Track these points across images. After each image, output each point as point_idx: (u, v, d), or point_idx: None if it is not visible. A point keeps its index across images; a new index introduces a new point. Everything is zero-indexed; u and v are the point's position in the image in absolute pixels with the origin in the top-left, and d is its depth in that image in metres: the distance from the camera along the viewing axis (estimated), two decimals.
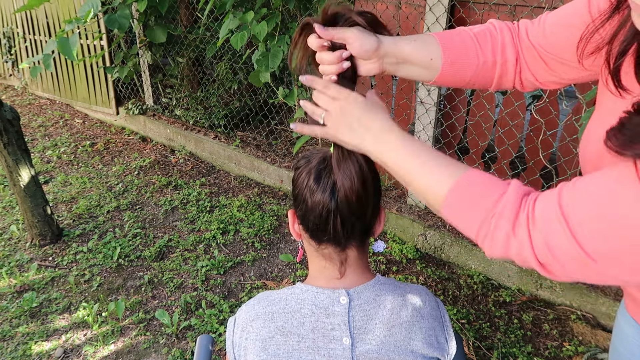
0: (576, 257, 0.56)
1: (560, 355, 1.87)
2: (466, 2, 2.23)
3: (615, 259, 0.54)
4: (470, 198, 0.64)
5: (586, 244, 0.55)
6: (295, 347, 0.74)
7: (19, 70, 5.33)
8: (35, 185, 2.49)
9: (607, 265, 0.55)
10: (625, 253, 0.53)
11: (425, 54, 0.82)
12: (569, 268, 0.58)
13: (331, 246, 0.79)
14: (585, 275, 0.58)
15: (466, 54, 0.83)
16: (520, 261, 0.62)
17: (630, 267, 0.54)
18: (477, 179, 0.65)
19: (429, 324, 0.79)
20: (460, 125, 2.53)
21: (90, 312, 2.10)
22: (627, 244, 0.52)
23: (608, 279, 0.57)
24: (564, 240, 0.56)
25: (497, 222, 0.61)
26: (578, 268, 0.57)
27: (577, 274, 0.59)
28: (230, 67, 3.57)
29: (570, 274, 0.59)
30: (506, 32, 0.84)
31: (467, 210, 0.65)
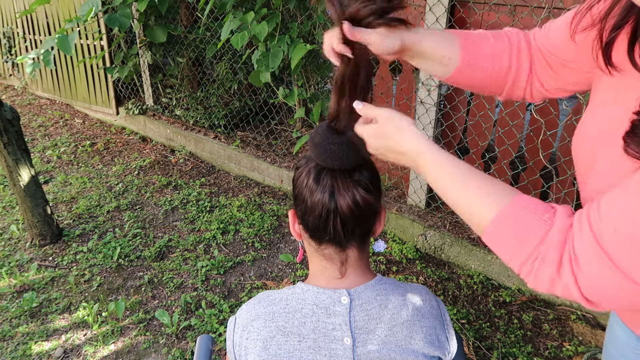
0: (625, 289, 0.54)
1: (560, 355, 1.87)
2: (466, 2, 2.23)
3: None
4: (513, 233, 0.62)
5: (632, 273, 0.53)
6: (297, 347, 0.74)
7: (19, 70, 5.33)
8: (35, 185, 2.49)
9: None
10: None
11: (445, 52, 0.82)
12: (619, 301, 0.57)
13: (332, 246, 0.79)
14: (631, 302, 0.57)
15: (484, 56, 0.83)
16: (563, 294, 0.61)
17: None
18: (520, 211, 0.62)
19: (430, 323, 0.79)
20: (460, 125, 2.53)
21: (90, 312, 2.10)
22: None
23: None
24: (612, 278, 0.54)
25: (540, 265, 0.60)
26: (630, 299, 0.56)
27: (627, 303, 0.58)
28: (230, 67, 3.57)
29: (621, 305, 0.59)
30: (522, 37, 0.85)
31: (510, 246, 0.63)
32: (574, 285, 0.57)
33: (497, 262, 2.25)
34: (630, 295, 0.55)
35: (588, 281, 0.56)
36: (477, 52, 0.83)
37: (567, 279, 0.58)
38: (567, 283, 0.58)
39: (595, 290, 0.56)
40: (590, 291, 0.57)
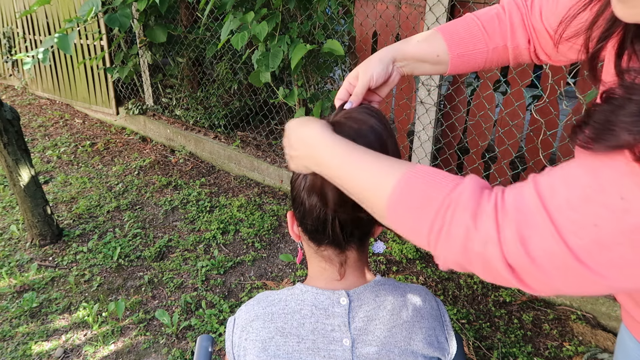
0: (557, 255, 0.46)
1: (560, 355, 1.87)
2: (466, 2, 2.23)
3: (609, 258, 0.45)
4: (417, 192, 0.54)
5: (570, 238, 0.46)
6: (295, 348, 0.74)
7: (19, 71, 5.33)
8: (35, 185, 2.49)
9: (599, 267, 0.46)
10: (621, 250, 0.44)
11: (432, 52, 0.83)
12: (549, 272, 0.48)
13: (331, 248, 0.79)
14: (571, 283, 0.48)
15: (473, 44, 0.83)
16: (483, 266, 0.51)
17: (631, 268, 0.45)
18: (423, 171, 0.56)
19: (429, 323, 0.79)
20: (460, 125, 2.53)
21: (90, 312, 2.10)
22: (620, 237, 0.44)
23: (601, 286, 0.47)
24: (542, 232, 0.47)
25: (454, 213, 0.51)
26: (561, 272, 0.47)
27: (560, 281, 0.48)
28: (230, 67, 3.57)
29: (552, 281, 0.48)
30: (515, 13, 0.83)
31: (415, 208, 0.54)
32: (494, 236, 0.48)
33: None
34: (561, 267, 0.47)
35: (513, 229, 0.48)
36: (465, 43, 0.83)
37: (487, 226, 0.49)
38: (486, 233, 0.49)
39: (519, 246, 0.47)
40: (513, 247, 0.48)
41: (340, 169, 0.62)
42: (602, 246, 0.45)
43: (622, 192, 0.44)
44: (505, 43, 0.83)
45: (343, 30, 2.97)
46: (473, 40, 0.83)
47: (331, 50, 2.30)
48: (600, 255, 0.45)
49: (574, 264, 0.46)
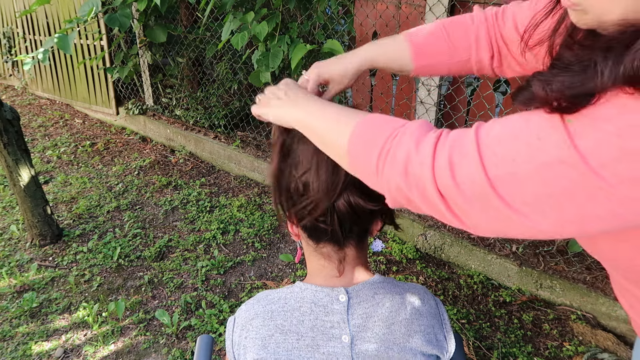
0: (477, 181, 0.51)
1: (560, 355, 1.87)
2: (466, 2, 2.23)
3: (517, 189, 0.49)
4: (372, 129, 0.61)
5: (489, 165, 0.51)
6: (295, 346, 0.74)
7: (19, 71, 5.34)
8: (35, 185, 2.49)
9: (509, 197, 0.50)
10: (528, 183, 0.49)
11: (397, 64, 0.89)
12: (470, 198, 0.52)
13: (330, 245, 0.79)
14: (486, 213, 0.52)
15: (437, 56, 0.88)
16: (419, 192, 0.56)
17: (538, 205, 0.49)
18: (378, 116, 0.63)
19: (428, 322, 0.79)
20: (460, 125, 2.53)
21: (90, 312, 2.10)
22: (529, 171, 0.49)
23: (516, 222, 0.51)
24: (468, 159, 0.52)
25: (400, 139, 0.57)
26: (479, 200, 0.52)
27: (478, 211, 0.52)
28: (230, 67, 3.58)
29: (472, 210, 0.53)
30: (482, 27, 0.87)
31: (369, 140, 0.60)
32: (429, 159, 0.54)
33: (497, 262, 2.25)
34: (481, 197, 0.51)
35: (445, 154, 0.53)
36: (430, 54, 0.89)
37: (426, 150, 0.54)
38: (423, 156, 0.54)
39: (448, 170, 0.52)
40: (442, 171, 0.53)
41: (311, 118, 0.70)
42: (517, 179, 0.49)
43: (540, 133, 0.49)
44: (469, 57, 0.88)
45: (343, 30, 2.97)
46: (438, 53, 0.88)
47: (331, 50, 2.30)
48: (514, 188, 0.50)
49: (491, 194, 0.50)
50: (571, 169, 0.46)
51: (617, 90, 0.46)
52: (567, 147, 0.47)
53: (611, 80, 0.46)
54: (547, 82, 0.50)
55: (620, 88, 0.45)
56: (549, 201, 0.49)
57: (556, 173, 0.47)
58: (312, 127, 0.70)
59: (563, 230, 0.51)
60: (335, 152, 0.66)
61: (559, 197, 0.48)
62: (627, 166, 0.44)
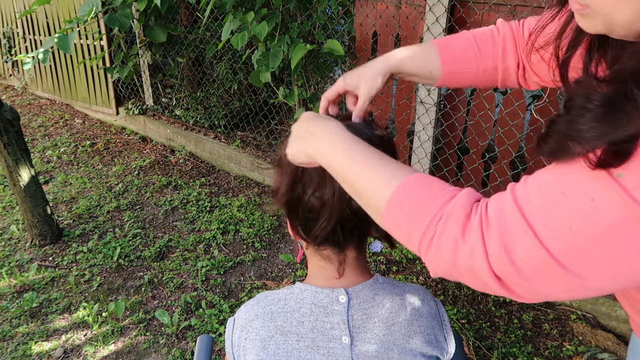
0: (539, 260, 0.48)
1: (560, 355, 1.87)
2: (466, 2, 2.23)
3: (584, 258, 0.46)
4: (413, 202, 0.56)
5: (549, 242, 0.47)
6: (295, 347, 0.74)
7: (19, 71, 5.34)
8: (35, 185, 2.49)
9: (577, 268, 0.47)
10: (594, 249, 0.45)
11: (426, 69, 0.87)
12: (532, 278, 0.49)
13: (330, 247, 0.79)
14: (554, 287, 0.49)
15: (465, 63, 0.87)
16: (471, 277, 0.52)
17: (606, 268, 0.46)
18: (421, 181, 0.58)
19: (428, 322, 0.79)
20: (460, 125, 2.53)
21: (90, 312, 2.10)
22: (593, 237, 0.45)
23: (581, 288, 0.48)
24: (524, 240, 0.48)
25: (445, 225, 0.53)
26: (544, 277, 0.48)
27: (544, 286, 0.49)
28: (230, 67, 3.57)
29: (536, 286, 0.49)
30: (509, 37, 0.86)
31: (411, 214, 0.56)
32: (481, 248, 0.50)
33: None
34: (543, 271, 0.48)
35: (497, 241, 0.49)
36: (458, 61, 0.87)
37: (474, 239, 0.50)
38: (473, 246, 0.50)
39: (504, 256, 0.49)
40: (498, 257, 0.49)
41: (346, 166, 0.63)
42: (579, 249, 0.46)
43: (591, 195, 0.45)
44: (496, 65, 0.87)
45: (343, 30, 2.97)
46: (466, 60, 0.87)
47: (331, 50, 2.30)
48: (578, 257, 0.46)
49: (556, 269, 0.47)
50: (636, 224, 0.43)
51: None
52: (627, 205, 0.43)
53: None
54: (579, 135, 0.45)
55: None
56: (618, 262, 0.46)
57: (622, 233, 0.44)
58: (345, 177, 0.64)
59: (634, 284, 0.49)
60: (372, 212, 0.62)
61: (629, 256, 0.45)
62: None
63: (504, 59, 0.86)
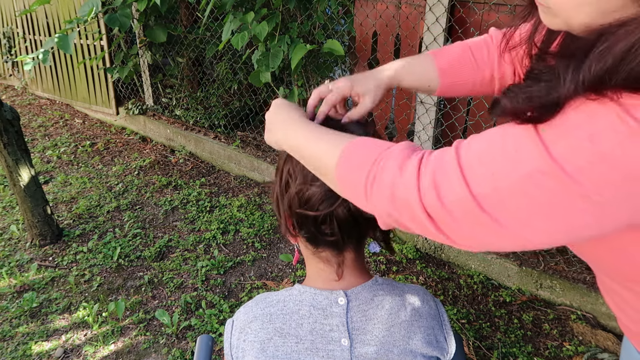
0: (463, 201, 0.51)
1: (560, 355, 1.87)
2: (466, 2, 2.23)
3: (503, 204, 0.49)
4: (359, 153, 0.61)
5: (473, 184, 0.51)
6: (294, 349, 0.74)
7: (19, 71, 5.34)
8: (35, 185, 2.49)
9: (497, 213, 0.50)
10: (512, 197, 0.49)
11: (424, 82, 0.89)
12: (459, 219, 0.52)
13: (329, 250, 0.79)
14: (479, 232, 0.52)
15: (463, 73, 0.89)
16: (408, 214, 0.56)
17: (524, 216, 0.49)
18: (364, 140, 0.63)
19: (428, 323, 0.79)
20: (460, 125, 2.53)
21: (90, 312, 2.10)
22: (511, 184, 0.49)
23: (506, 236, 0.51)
24: (452, 179, 0.52)
25: (385, 163, 0.57)
26: (468, 219, 0.52)
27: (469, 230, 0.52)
28: (230, 67, 3.57)
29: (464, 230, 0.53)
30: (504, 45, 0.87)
31: (356, 165, 0.61)
32: (414, 182, 0.54)
33: (497, 262, 2.25)
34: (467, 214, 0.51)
35: (429, 176, 0.53)
36: (456, 72, 0.89)
37: (410, 173, 0.55)
38: (408, 179, 0.54)
39: (433, 192, 0.53)
40: (429, 193, 0.53)
41: (302, 144, 0.70)
42: (499, 194, 0.50)
43: (517, 145, 0.50)
44: (493, 73, 0.89)
45: (343, 30, 2.97)
46: (463, 69, 0.89)
47: (331, 50, 2.30)
48: (498, 203, 0.50)
49: (477, 211, 0.51)
50: (549, 178, 0.47)
51: (583, 97, 0.46)
52: (543, 157, 0.47)
53: (572, 87, 0.46)
54: (515, 95, 0.51)
55: (585, 95, 0.46)
56: (533, 213, 0.49)
57: (536, 184, 0.48)
58: (302, 152, 0.70)
59: (552, 240, 0.51)
60: (326, 177, 0.67)
61: (542, 208, 0.48)
62: (601, 170, 0.44)
63: (499, 66, 0.88)
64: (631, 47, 0.44)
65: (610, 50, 0.45)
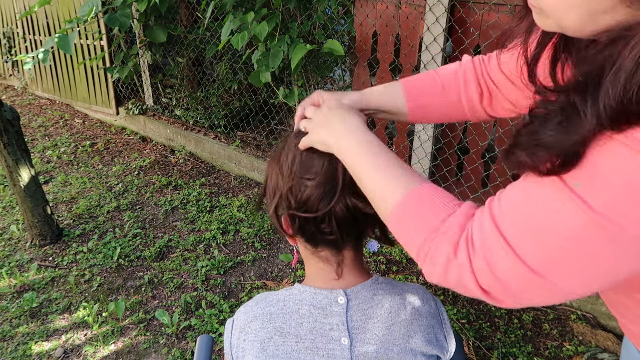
0: (518, 273, 0.51)
1: (560, 355, 1.87)
2: (466, 2, 2.23)
3: (557, 265, 0.50)
4: (417, 213, 0.61)
5: (524, 255, 0.51)
6: (294, 348, 0.74)
7: (19, 71, 5.34)
8: (35, 185, 2.49)
9: (552, 275, 0.50)
10: (564, 257, 0.49)
11: (392, 103, 0.90)
12: (514, 289, 0.53)
13: (328, 248, 0.79)
14: (534, 295, 0.53)
15: (429, 95, 0.91)
16: (462, 289, 0.57)
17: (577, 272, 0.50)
18: (429, 193, 0.62)
19: (428, 322, 0.79)
20: (460, 125, 2.53)
21: (90, 312, 2.10)
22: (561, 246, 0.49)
23: (559, 294, 0.52)
24: (503, 256, 0.52)
25: (439, 243, 0.58)
26: (524, 287, 0.52)
27: (525, 295, 0.53)
28: (230, 67, 3.57)
29: (519, 296, 0.54)
30: (469, 69, 0.90)
31: (412, 227, 0.61)
32: (468, 266, 0.55)
33: None
34: (524, 283, 0.52)
35: (481, 259, 0.54)
36: (422, 97, 0.90)
37: (462, 258, 0.55)
38: (461, 263, 0.55)
39: (488, 272, 0.53)
40: (483, 273, 0.54)
41: (362, 163, 0.68)
42: (552, 258, 0.50)
43: (555, 206, 0.49)
44: (459, 97, 0.90)
45: (343, 30, 2.97)
46: (430, 94, 0.91)
47: (331, 50, 2.30)
48: (552, 266, 0.50)
49: (534, 279, 0.51)
50: (597, 230, 0.46)
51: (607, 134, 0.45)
52: (586, 213, 0.46)
53: (594, 122, 0.45)
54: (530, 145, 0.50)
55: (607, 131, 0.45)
56: (585, 267, 0.49)
57: (584, 239, 0.47)
58: (356, 174, 0.68)
59: (605, 287, 0.52)
60: (378, 211, 0.67)
61: (593, 261, 0.48)
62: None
63: (465, 90, 0.89)
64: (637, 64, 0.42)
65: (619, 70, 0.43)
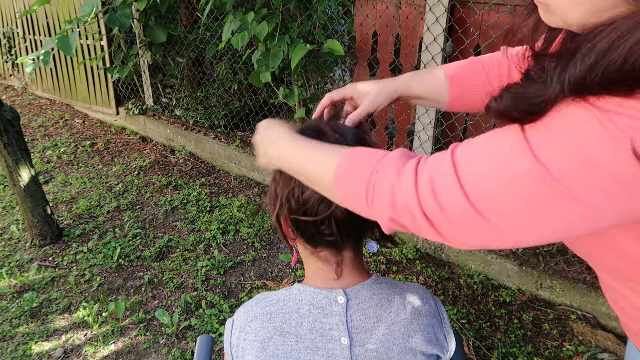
0: (459, 202, 0.53)
1: (560, 355, 1.87)
2: (466, 2, 2.23)
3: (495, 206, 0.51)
4: (353, 169, 0.63)
5: (466, 184, 0.52)
6: (294, 348, 0.74)
7: (19, 71, 5.34)
8: (35, 185, 2.49)
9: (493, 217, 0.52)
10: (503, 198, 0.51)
11: (434, 94, 0.90)
12: (457, 222, 0.54)
13: (327, 249, 0.79)
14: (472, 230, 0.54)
15: (472, 83, 0.90)
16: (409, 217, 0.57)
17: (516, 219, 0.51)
18: (357, 152, 0.65)
19: (428, 321, 0.79)
20: (460, 125, 2.53)
21: (90, 312, 2.10)
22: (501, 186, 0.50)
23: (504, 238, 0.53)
24: (447, 180, 0.54)
25: (383, 171, 0.59)
26: (466, 222, 0.53)
27: (470, 234, 0.54)
28: (230, 67, 3.57)
29: (463, 232, 0.54)
30: (513, 59, 0.89)
31: (353, 181, 0.62)
32: (412, 186, 0.56)
33: (497, 262, 2.25)
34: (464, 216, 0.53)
35: (427, 179, 0.55)
36: (466, 87, 0.90)
37: (407, 179, 0.56)
38: (406, 185, 0.56)
39: (431, 195, 0.54)
40: (426, 195, 0.55)
41: (296, 161, 0.71)
42: (491, 195, 0.51)
43: (506, 148, 0.51)
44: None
45: (343, 30, 2.97)
46: (473, 81, 0.90)
47: (331, 50, 2.30)
48: (490, 205, 0.52)
49: (471, 213, 0.52)
50: (537, 181, 0.48)
51: (568, 100, 0.48)
52: (530, 161, 0.48)
53: (558, 88, 0.48)
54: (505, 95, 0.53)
55: (570, 97, 0.47)
56: (523, 214, 0.51)
57: (524, 186, 0.49)
58: (297, 168, 0.71)
59: (543, 239, 0.53)
60: (325, 190, 0.68)
61: (531, 210, 0.50)
62: (587, 174, 0.46)
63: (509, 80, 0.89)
64: (610, 45, 0.45)
65: (593, 48, 0.46)
